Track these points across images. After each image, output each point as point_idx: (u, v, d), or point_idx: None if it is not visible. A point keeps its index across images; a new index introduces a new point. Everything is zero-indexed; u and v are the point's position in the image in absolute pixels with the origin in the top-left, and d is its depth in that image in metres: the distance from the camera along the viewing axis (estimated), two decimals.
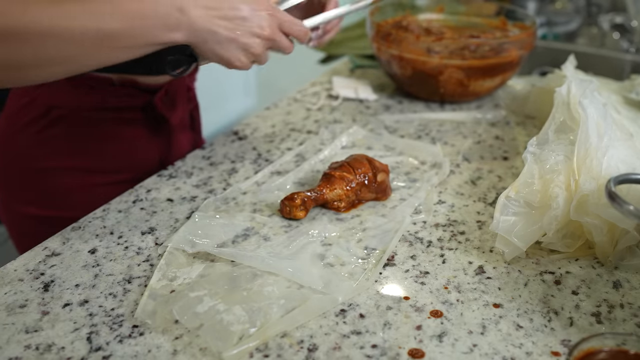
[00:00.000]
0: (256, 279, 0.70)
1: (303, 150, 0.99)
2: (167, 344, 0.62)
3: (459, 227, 0.81)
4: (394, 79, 1.22)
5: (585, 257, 0.75)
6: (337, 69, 1.35)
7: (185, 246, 0.75)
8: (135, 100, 0.98)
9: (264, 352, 0.61)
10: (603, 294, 0.70)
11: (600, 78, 1.17)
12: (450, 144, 1.03)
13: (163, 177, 0.92)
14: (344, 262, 0.74)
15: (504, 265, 0.74)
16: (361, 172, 0.84)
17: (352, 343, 0.62)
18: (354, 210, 0.84)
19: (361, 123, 1.09)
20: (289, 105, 1.17)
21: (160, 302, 0.66)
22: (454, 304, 0.68)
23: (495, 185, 0.91)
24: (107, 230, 0.80)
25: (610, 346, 0.54)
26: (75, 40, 0.69)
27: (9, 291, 0.69)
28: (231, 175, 0.93)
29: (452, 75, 1.13)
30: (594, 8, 1.66)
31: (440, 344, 0.62)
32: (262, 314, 0.64)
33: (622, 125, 0.92)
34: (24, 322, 0.65)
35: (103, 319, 0.65)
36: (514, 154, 1.00)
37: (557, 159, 0.79)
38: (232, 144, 1.02)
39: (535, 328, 0.65)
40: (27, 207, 1.00)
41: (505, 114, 1.13)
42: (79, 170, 0.98)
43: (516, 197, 0.76)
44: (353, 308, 0.67)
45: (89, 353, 0.61)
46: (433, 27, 1.25)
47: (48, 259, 0.74)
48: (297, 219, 0.81)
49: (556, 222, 0.73)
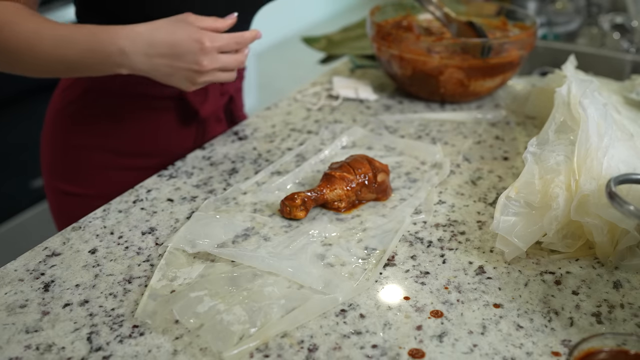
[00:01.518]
0: (256, 279, 0.70)
1: (303, 150, 0.99)
2: (167, 344, 0.62)
3: (459, 227, 0.81)
4: (394, 79, 1.22)
5: (585, 257, 0.75)
6: (338, 69, 1.35)
7: (185, 246, 0.75)
8: (166, 89, 1.00)
9: (264, 352, 0.61)
10: (603, 294, 0.70)
11: (601, 78, 1.17)
12: (450, 144, 1.03)
13: (163, 177, 0.92)
14: (344, 262, 0.74)
15: (504, 266, 0.74)
16: (361, 172, 0.84)
17: (353, 343, 0.62)
18: (354, 210, 0.84)
19: (361, 123, 1.09)
20: (289, 105, 1.17)
21: (161, 302, 0.66)
22: (454, 304, 0.68)
23: (495, 186, 0.91)
24: (108, 230, 0.80)
25: (610, 346, 0.54)
26: (45, 60, 0.82)
27: (9, 291, 0.69)
28: (231, 176, 0.93)
29: (452, 75, 1.13)
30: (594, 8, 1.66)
31: (441, 344, 0.62)
32: (262, 314, 0.64)
33: (622, 125, 0.92)
34: (24, 322, 0.65)
35: (103, 319, 0.65)
36: (514, 154, 0.99)
37: (558, 159, 0.79)
38: (233, 144, 1.02)
39: (536, 328, 0.65)
40: (62, 183, 1.05)
41: (506, 114, 1.13)
42: (110, 151, 1.03)
43: (516, 197, 0.76)
44: (353, 308, 0.67)
45: (89, 353, 0.61)
46: (433, 27, 1.25)
47: (48, 259, 0.74)
48: (297, 219, 0.81)
49: (556, 222, 0.73)
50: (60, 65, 0.82)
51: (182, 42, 0.80)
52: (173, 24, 0.81)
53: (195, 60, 0.81)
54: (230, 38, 0.83)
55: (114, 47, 0.80)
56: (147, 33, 0.81)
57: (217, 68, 0.83)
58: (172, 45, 0.80)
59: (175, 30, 0.81)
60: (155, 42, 0.80)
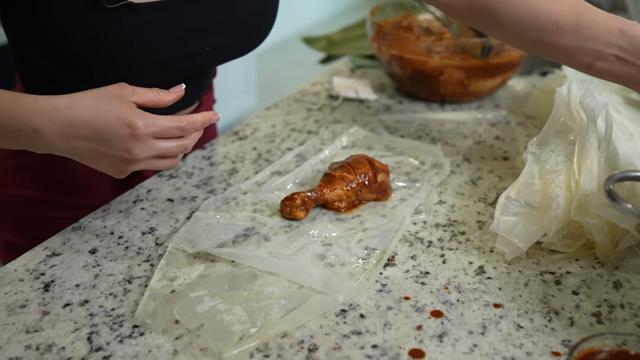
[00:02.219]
0: (256, 279, 0.70)
1: (303, 150, 0.99)
2: (167, 344, 0.62)
3: (460, 227, 0.81)
4: (395, 79, 1.22)
5: (585, 257, 0.75)
6: (338, 69, 1.35)
7: (185, 246, 0.75)
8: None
9: (265, 352, 0.61)
10: (603, 294, 0.70)
11: None
12: (450, 144, 1.03)
13: (163, 177, 0.92)
14: (344, 262, 0.74)
15: (505, 266, 0.74)
16: (361, 173, 0.84)
17: (353, 343, 0.62)
18: (354, 210, 0.84)
19: (361, 123, 1.09)
20: (289, 105, 1.17)
21: (161, 302, 0.66)
22: (455, 304, 0.68)
23: (495, 186, 0.91)
24: (108, 230, 0.80)
25: (610, 346, 0.54)
26: None
27: (9, 291, 0.69)
28: (231, 176, 0.93)
29: (452, 76, 1.13)
30: None
31: (441, 344, 0.62)
32: (262, 314, 0.64)
33: (622, 125, 0.92)
34: (25, 322, 0.65)
35: (103, 319, 0.65)
36: (514, 154, 0.99)
37: (558, 159, 0.79)
38: (233, 144, 1.02)
39: (536, 328, 0.65)
40: (2, 232, 0.97)
41: (506, 114, 1.13)
42: (42, 202, 0.93)
43: (516, 197, 0.76)
44: (353, 308, 0.67)
45: (90, 353, 0.61)
46: (433, 27, 1.25)
47: (48, 259, 0.74)
48: (297, 219, 0.81)
49: (557, 223, 0.73)
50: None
51: (108, 125, 0.65)
52: (99, 101, 0.66)
53: (125, 147, 0.66)
54: (173, 121, 0.68)
55: (25, 125, 0.65)
56: (67, 111, 0.65)
57: (154, 156, 0.69)
58: (96, 129, 0.66)
59: (100, 110, 0.66)
60: (75, 123, 0.65)
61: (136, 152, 0.67)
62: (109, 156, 0.67)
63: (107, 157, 0.68)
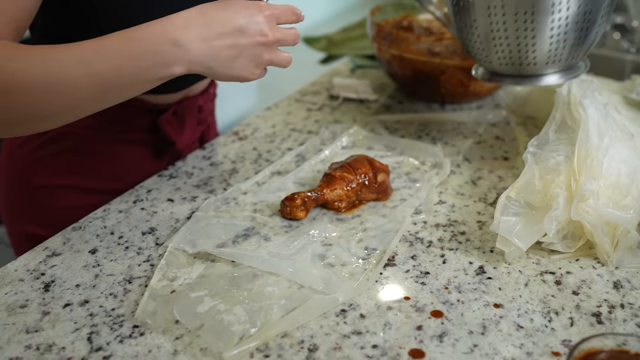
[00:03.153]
0: (257, 279, 0.70)
1: (303, 150, 0.99)
2: (167, 344, 0.62)
3: (460, 228, 0.81)
4: (395, 79, 1.22)
5: (585, 258, 0.75)
6: (338, 69, 1.35)
7: (185, 246, 0.75)
8: (139, 121, 0.94)
9: (265, 352, 0.61)
10: (604, 294, 0.70)
11: (601, 78, 1.17)
12: (450, 144, 1.03)
13: (163, 177, 0.92)
14: (344, 262, 0.74)
15: (505, 266, 0.74)
16: (362, 173, 0.84)
17: (353, 343, 0.62)
18: (354, 210, 0.84)
19: (361, 123, 1.09)
20: (290, 106, 1.17)
21: (161, 302, 0.66)
22: (455, 304, 0.68)
23: (495, 186, 0.91)
24: (108, 230, 0.80)
25: (610, 346, 0.54)
26: (67, 91, 0.64)
27: (9, 291, 0.69)
28: (231, 176, 0.93)
29: (452, 76, 1.13)
30: None
31: (441, 344, 0.62)
32: (262, 314, 0.64)
33: (622, 125, 0.92)
34: (25, 322, 0.65)
35: (103, 319, 0.65)
36: (514, 154, 0.99)
37: (558, 159, 0.79)
38: (233, 144, 1.02)
39: (536, 328, 0.65)
40: (28, 225, 0.96)
41: (506, 114, 1.13)
42: (75, 189, 0.94)
43: (517, 197, 0.76)
44: (353, 308, 0.67)
45: (90, 353, 0.61)
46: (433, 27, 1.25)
47: (48, 259, 0.74)
48: (297, 219, 0.81)
49: (557, 223, 0.73)
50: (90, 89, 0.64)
51: (239, 12, 0.68)
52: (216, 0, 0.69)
53: (259, 30, 0.69)
54: (285, 6, 0.72)
55: (165, 41, 0.65)
56: (198, 15, 0.67)
57: (278, 39, 0.71)
58: (229, 20, 0.68)
59: (226, 5, 0.69)
60: (209, 23, 0.67)
61: (270, 33, 0.70)
62: (247, 47, 0.69)
63: (245, 50, 0.69)
